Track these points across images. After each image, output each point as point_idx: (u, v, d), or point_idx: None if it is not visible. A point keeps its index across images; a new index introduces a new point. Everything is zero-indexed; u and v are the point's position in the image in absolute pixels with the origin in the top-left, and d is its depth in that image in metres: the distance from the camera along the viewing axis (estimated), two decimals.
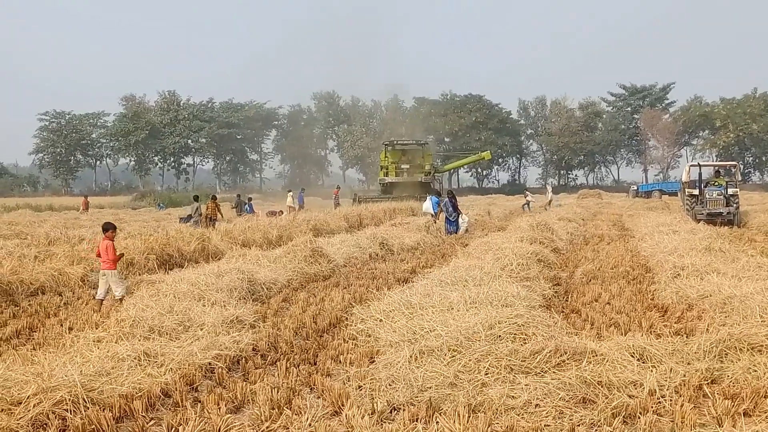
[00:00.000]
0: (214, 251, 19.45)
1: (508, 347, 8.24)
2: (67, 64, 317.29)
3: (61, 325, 11.30)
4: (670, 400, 7.14)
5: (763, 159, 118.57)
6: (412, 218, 32.10)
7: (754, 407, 6.94)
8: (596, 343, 8.58)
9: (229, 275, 13.86)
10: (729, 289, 11.91)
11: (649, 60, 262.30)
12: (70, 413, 6.84)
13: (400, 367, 8.03)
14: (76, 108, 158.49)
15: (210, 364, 8.73)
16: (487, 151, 64.36)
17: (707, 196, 30.22)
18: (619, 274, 15.90)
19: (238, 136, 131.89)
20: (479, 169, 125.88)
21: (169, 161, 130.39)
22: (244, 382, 8.10)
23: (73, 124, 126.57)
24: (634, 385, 7.44)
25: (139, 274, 15.41)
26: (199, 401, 7.52)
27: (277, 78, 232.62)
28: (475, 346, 8.29)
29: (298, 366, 8.85)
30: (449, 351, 8.25)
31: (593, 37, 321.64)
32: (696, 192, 31.27)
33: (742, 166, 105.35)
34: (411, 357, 8.24)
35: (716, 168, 34.69)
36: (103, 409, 7.01)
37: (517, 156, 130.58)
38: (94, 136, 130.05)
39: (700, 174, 32.06)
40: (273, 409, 7.14)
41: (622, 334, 9.74)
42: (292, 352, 9.56)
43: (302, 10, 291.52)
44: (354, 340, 10.13)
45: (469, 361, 7.91)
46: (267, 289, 14.22)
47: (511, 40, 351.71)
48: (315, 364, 9.03)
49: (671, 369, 7.86)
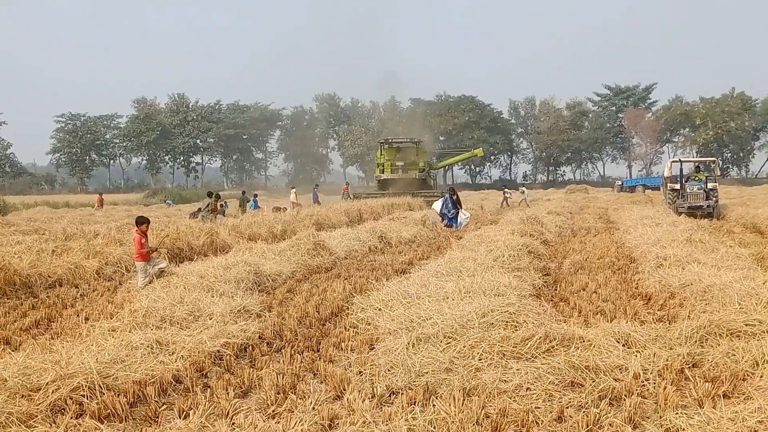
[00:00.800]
0: (222, 245, 19.41)
1: (501, 334, 8.25)
2: (81, 69, 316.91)
3: (78, 316, 11.29)
4: (654, 383, 7.15)
5: (741, 155, 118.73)
6: (410, 213, 32.07)
7: (733, 389, 6.95)
8: (584, 330, 8.59)
9: (237, 267, 13.85)
10: (709, 278, 11.92)
11: (633, 61, 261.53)
12: (87, 398, 6.85)
13: (399, 354, 8.04)
14: (91, 110, 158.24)
15: (219, 351, 8.73)
16: (480, 149, 63.83)
17: (688, 191, 30.23)
18: (605, 264, 15.90)
19: (244, 136, 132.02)
20: (472, 166, 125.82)
21: (179, 160, 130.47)
22: (251, 369, 8.11)
23: (88, 126, 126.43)
24: (620, 369, 7.45)
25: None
26: (209, 387, 7.53)
27: (281, 80, 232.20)
28: (469, 333, 8.30)
29: (302, 353, 8.85)
30: (445, 338, 8.26)
31: (579, 39, 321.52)
32: (677, 186, 31.28)
33: (720, 162, 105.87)
34: (409, 344, 8.24)
35: (696, 164, 34.70)
36: (118, 395, 7.02)
37: (508, 153, 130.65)
38: (108, 136, 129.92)
39: (681, 169, 32.07)
40: (278, 393, 7.15)
41: (608, 321, 9.75)
42: (297, 339, 9.55)
43: (302, 14, 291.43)
44: (355, 328, 10.13)
45: (464, 347, 7.92)
46: (272, 281, 14.21)
47: (501, 43, 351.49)
48: (318, 351, 9.02)
49: (655, 354, 7.87)
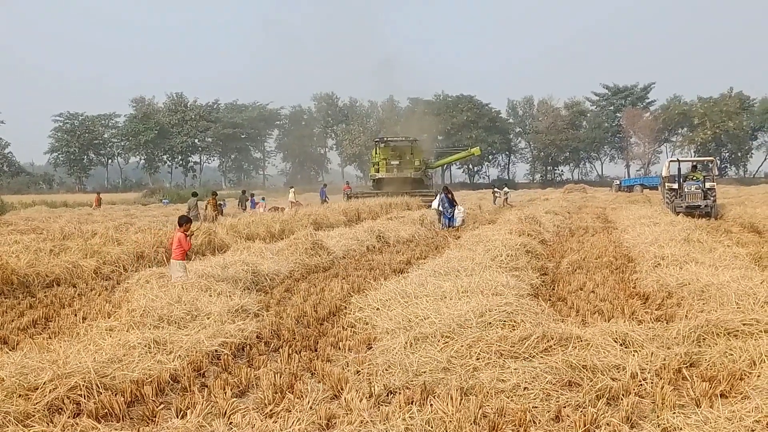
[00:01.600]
0: (220, 244, 19.42)
1: (498, 333, 8.25)
2: (80, 68, 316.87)
3: (75, 315, 11.29)
4: (651, 383, 7.15)
5: (739, 155, 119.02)
6: (407, 212, 32.09)
7: (730, 389, 6.96)
8: (581, 330, 8.59)
9: (234, 267, 13.87)
10: (706, 277, 11.93)
11: (631, 61, 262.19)
12: (84, 398, 6.84)
13: (396, 353, 8.04)
14: (89, 109, 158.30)
15: (216, 351, 8.73)
16: (477, 147, 63.00)
17: (686, 190, 30.28)
18: (603, 264, 15.91)
19: (243, 136, 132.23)
20: (471, 166, 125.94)
21: (177, 159, 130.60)
22: (249, 368, 8.10)
23: (86, 125, 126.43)
24: (617, 369, 7.45)
25: (149, 267, 15.35)
26: (206, 386, 7.52)
27: (279, 80, 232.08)
28: (467, 333, 8.30)
29: (300, 352, 8.84)
30: (442, 337, 8.26)
31: (578, 38, 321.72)
32: (675, 186, 31.33)
33: (718, 162, 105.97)
34: (406, 343, 8.24)
35: (693, 163, 34.75)
36: (116, 394, 7.01)
37: (506, 153, 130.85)
38: (106, 136, 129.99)
39: (680, 169, 32.11)
40: (276, 393, 7.15)
41: (606, 321, 9.75)
42: (294, 339, 9.55)
43: (300, 11, 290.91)
44: (352, 327, 10.13)
45: (461, 346, 7.92)
46: (270, 280, 14.21)
47: (499, 42, 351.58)
48: (316, 351, 9.02)
49: (652, 353, 7.87)
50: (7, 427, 6.17)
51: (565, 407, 6.65)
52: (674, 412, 6.27)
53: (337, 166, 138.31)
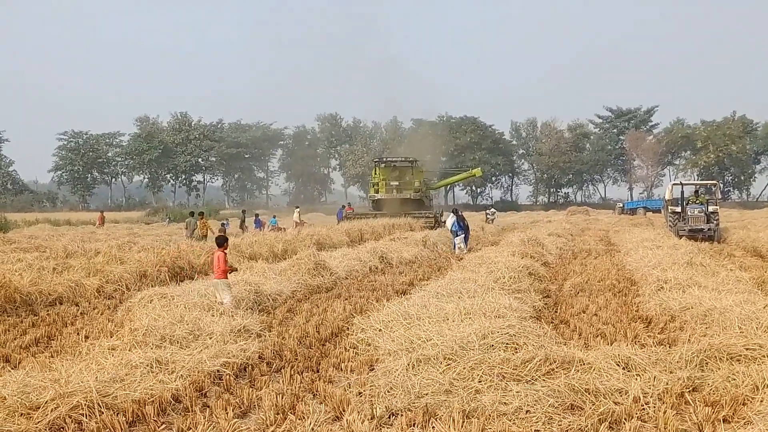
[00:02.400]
0: None
1: (501, 356, 8.24)
2: (84, 87, 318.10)
3: (78, 334, 11.30)
4: (654, 407, 7.13)
5: (742, 178, 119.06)
6: (410, 233, 32.09)
7: (733, 414, 6.94)
8: (584, 353, 8.58)
9: (237, 287, 13.86)
10: (709, 301, 11.91)
11: (635, 84, 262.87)
12: (86, 417, 6.84)
13: (398, 375, 8.02)
14: (93, 128, 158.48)
15: (218, 371, 8.72)
16: (478, 168, 62.21)
17: (689, 213, 30.28)
18: (606, 286, 15.90)
19: (246, 155, 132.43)
20: (474, 187, 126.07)
21: (180, 178, 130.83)
22: (251, 389, 8.10)
23: (90, 144, 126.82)
24: (620, 393, 7.43)
25: (152, 286, 15.35)
26: (208, 406, 7.52)
27: (283, 100, 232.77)
28: (470, 355, 8.28)
29: (302, 373, 8.84)
30: (445, 359, 8.25)
31: (581, 61, 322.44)
32: (678, 209, 31.34)
33: (721, 185, 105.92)
34: (408, 365, 8.23)
35: (696, 187, 34.78)
36: (117, 414, 7.01)
37: (510, 174, 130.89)
38: (110, 154, 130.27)
39: (683, 192, 32.14)
40: (278, 414, 7.14)
41: (609, 344, 9.73)
42: (296, 360, 9.55)
43: (301, 29, 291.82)
44: (355, 348, 10.11)
45: (464, 369, 7.91)
46: (272, 300, 14.21)
47: (503, 63, 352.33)
48: (318, 372, 9.01)
49: (655, 377, 7.85)
50: None
51: (567, 431, 6.63)
52: None
53: (340, 187, 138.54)
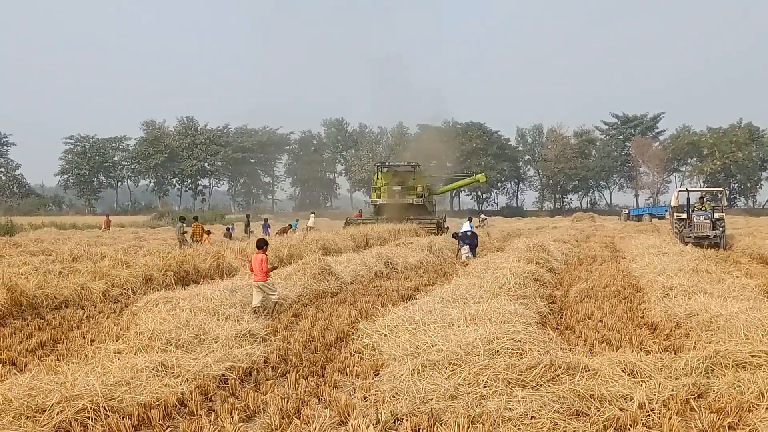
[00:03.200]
0: (228, 268, 19.46)
1: (506, 362, 8.24)
2: (91, 91, 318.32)
3: (84, 338, 11.32)
4: (659, 414, 7.13)
5: (748, 185, 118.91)
6: (416, 239, 32.09)
7: (738, 421, 6.93)
8: (589, 359, 8.57)
9: (243, 291, 13.86)
10: (715, 308, 11.90)
11: (641, 90, 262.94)
12: (92, 421, 6.86)
13: (404, 380, 8.03)
14: (100, 132, 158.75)
15: (224, 375, 8.73)
16: (482, 174, 61.56)
17: (695, 220, 30.23)
18: (611, 293, 15.88)
19: (252, 160, 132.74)
20: (479, 193, 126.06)
21: (186, 183, 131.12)
22: (256, 393, 8.11)
23: (97, 148, 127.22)
24: (625, 399, 7.43)
25: (158, 290, 15.37)
26: (213, 410, 7.53)
27: (289, 104, 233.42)
28: (475, 361, 8.29)
29: (307, 378, 8.85)
30: (450, 365, 8.26)
31: (589, 67, 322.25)
32: (684, 216, 31.30)
33: (727, 192, 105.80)
34: (414, 370, 8.24)
35: (701, 194, 34.75)
36: (123, 417, 7.03)
37: (515, 180, 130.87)
38: (116, 158, 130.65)
39: (688, 199, 32.11)
40: (283, 418, 7.15)
41: (614, 350, 9.73)
42: (302, 364, 9.55)
43: (308, 32, 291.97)
44: (360, 353, 10.12)
45: (469, 374, 7.91)
46: (278, 305, 14.21)
47: (511, 69, 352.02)
48: (323, 376, 9.02)
49: (660, 384, 7.84)
50: None
51: None
52: None
53: (346, 192, 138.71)
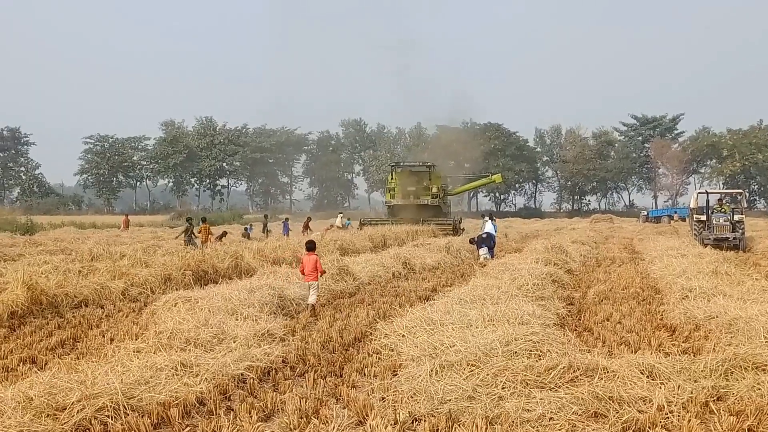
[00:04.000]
0: (247, 268, 19.51)
1: (524, 363, 8.22)
2: (110, 90, 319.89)
3: (103, 336, 11.38)
4: (678, 416, 7.09)
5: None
6: (434, 239, 32.07)
7: (758, 423, 6.89)
8: (608, 361, 8.54)
9: (261, 291, 13.87)
10: (735, 310, 11.83)
11: (661, 91, 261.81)
12: (111, 419, 6.89)
13: (422, 381, 8.03)
14: (119, 132, 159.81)
15: (242, 374, 8.76)
16: (498, 174, 60.01)
17: (714, 222, 30.05)
18: (630, 295, 15.82)
19: (270, 160, 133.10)
20: (497, 194, 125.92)
21: (205, 183, 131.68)
22: (274, 393, 8.13)
23: (116, 147, 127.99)
24: (644, 401, 7.39)
25: (177, 289, 15.42)
26: (232, 410, 7.55)
27: (307, 104, 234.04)
28: (493, 362, 8.27)
29: (325, 378, 8.86)
30: (468, 366, 8.24)
31: (608, 67, 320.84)
32: (703, 218, 31.12)
33: (747, 194, 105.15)
34: (432, 371, 8.23)
35: (720, 196, 34.54)
36: (142, 416, 7.06)
37: (533, 182, 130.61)
38: (135, 158, 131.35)
39: (708, 201, 31.93)
40: (301, 418, 7.16)
41: (633, 352, 9.69)
42: (320, 364, 9.57)
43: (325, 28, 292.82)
44: (378, 354, 10.12)
45: (487, 375, 7.90)
46: (296, 305, 14.23)
47: (529, 69, 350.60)
48: (341, 377, 9.03)
49: (679, 386, 7.80)
50: None
51: None
52: None
53: (364, 192, 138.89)
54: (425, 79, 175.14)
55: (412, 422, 7.11)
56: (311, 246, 14.78)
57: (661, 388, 7.74)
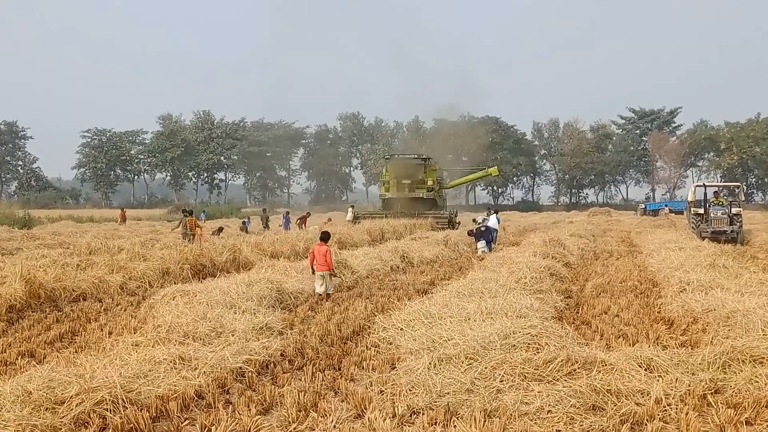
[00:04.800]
0: (245, 262, 19.52)
1: (522, 356, 8.24)
2: (108, 85, 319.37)
3: (102, 330, 11.39)
4: (676, 409, 7.11)
5: (765, 180, 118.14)
6: (431, 233, 32.05)
7: (756, 416, 6.91)
8: (605, 354, 8.56)
9: (259, 285, 13.90)
10: (732, 303, 11.86)
11: (658, 84, 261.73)
12: (110, 412, 6.89)
13: (420, 374, 8.04)
14: (117, 126, 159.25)
15: (241, 368, 8.77)
16: (494, 167, 59.23)
17: (712, 215, 30.06)
18: (628, 288, 15.85)
19: (268, 154, 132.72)
20: (495, 187, 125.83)
21: (202, 176, 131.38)
22: (273, 386, 8.14)
23: (114, 141, 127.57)
24: (642, 394, 7.42)
25: (175, 283, 15.45)
26: (231, 403, 7.57)
27: (306, 99, 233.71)
28: (491, 355, 8.29)
29: (324, 371, 8.87)
30: (466, 359, 8.26)
31: (605, 61, 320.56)
32: (701, 211, 31.13)
33: (745, 187, 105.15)
34: (430, 364, 8.25)
35: (717, 189, 34.55)
36: (141, 409, 7.07)
37: (531, 175, 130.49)
38: (133, 152, 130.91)
39: (705, 194, 31.95)
40: (300, 411, 7.17)
41: (630, 345, 9.72)
42: (318, 358, 9.58)
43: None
44: (376, 347, 10.14)
45: (485, 368, 7.91)
46: (294, 298, 14.26)
47: (528, 61, 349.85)
48: (339, 370, 9.05)
49: (677, 379, 7.82)
50: None
51: (589, 431, 6.63)
52: None
53: (361, 186, 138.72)
54: (423, 72, 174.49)
55: (411, 415, 7.13)
56: (325, 236, 15.17)
57: (658, 380, 7.76)
